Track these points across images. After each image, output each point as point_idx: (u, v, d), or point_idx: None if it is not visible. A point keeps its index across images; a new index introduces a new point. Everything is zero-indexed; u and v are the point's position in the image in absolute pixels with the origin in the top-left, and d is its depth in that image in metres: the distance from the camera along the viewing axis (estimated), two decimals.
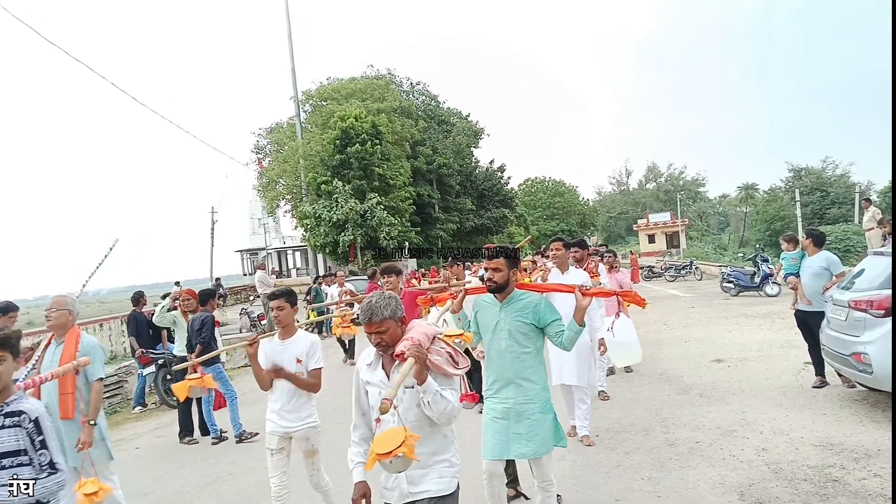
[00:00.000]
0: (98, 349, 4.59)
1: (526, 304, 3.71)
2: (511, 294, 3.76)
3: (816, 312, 6.92)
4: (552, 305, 3.76)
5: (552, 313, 3.70)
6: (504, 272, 3.69)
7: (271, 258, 46.39)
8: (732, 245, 59.52)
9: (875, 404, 6.20)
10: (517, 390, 3.68)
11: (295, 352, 4.23)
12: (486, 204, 40.99)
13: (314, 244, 27.10)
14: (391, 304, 2.78)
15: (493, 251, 3.77)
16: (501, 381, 3.73)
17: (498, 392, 3.74)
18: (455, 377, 2.79)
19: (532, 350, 3.71)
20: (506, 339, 3.70)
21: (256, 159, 35.53)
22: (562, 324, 3.70)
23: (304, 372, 4.20)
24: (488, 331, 3.80)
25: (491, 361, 3.79)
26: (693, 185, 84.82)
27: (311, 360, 4.24)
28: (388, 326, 2.75)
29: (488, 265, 3.72)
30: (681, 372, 8.49)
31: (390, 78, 37.62)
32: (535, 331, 3.71)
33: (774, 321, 12.35)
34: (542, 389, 3.72)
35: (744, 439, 5.56)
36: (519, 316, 3.69)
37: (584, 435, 5.85)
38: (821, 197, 50.98)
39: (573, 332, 3.60)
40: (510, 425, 3.66)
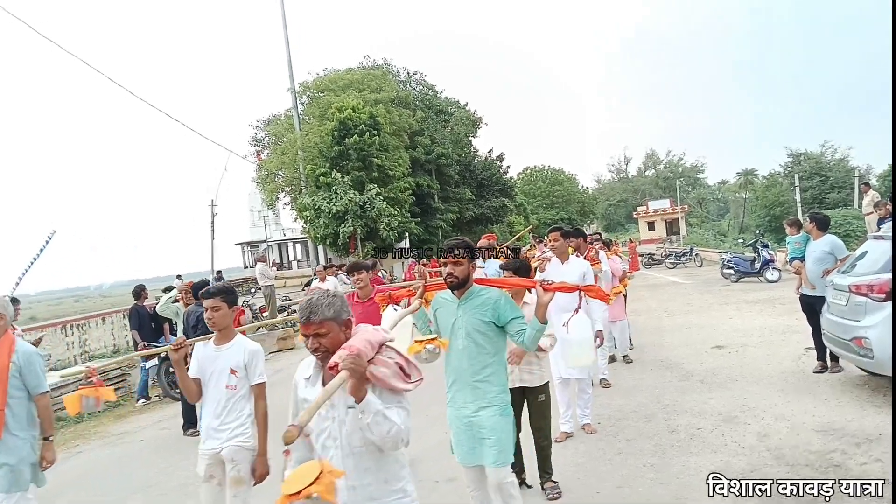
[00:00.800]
0: (36, 359, 3.95)
1: (485, 301, 3.47)
2: (469, 290, 3.53)
3: (821, 297, 6.90)
4: (512, 302, 3.55)
5: (512, 310, 3.47)
6: (464, 266, 3.47)
7: (272, 250, 46.39)
8: (732, 231, 59.46)
9: (876, 389, 6.21)
10: (475, 393, 3.46)
11: (230, 361, 3.65)
12: (485, 193, 40.90)
13: (314, 236, 27.07)
14: (335, 303, 2.43)
15: (452, 244, 3.51)
16: (459, 383, 3.52)
17: (456, 395, 3.54)
18: (406, 392, 2.41)
19: (491, 350, 3.48)
20: (463, 339, 3.47)
21: (255, 152, 35.44)
22: (523, 322, 3.45)
23: (237, 385, 3.64)
24: (446, 330, 3.57)
25: (449, 362, 3.57)
26: (692, 171, 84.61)
27: (252, 373, 3.68)
28: (329, 329, 2.38)
29: (448, 260, 3.47)
30: (682, 358, 8.51)
31: (387, 68, 37.46)
32: (495, 329, 3.47)
33: (775, 307, 12.37)
34: (500, 392, 3.50)
35: (745, 425, 5.58)
36: (477, 313, 3.46)
37: (586, 423, 5.86)
38: (820, 181, 50.90)
39: (535, 331, 3.34)
40: (473, 430, 3.47)
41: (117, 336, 15.52)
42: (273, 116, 36.31)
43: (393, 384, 2.35)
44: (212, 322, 3.68)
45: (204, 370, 3.69)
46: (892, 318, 5.35)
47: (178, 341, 3.65)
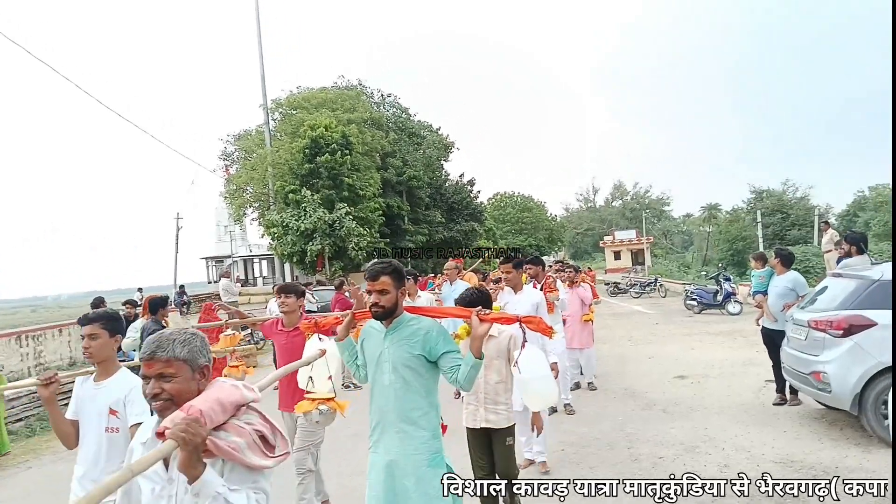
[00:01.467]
0: None
1: (415, 332, 3.04)
2: (399, 319, 3.09)
3: (782, 331, 7.06)
4: (446, 333, 3.12)
5: (446, 343, 3.05)
6: (392, 293, 3.02)
7: (237, 266, 45.82)
8: (696, 263, 60.48)
9: (833, 422, 6.34)
10: (401, 438, 3.00)
11: (110, 399, 3.01)
12: (455, 217, 41.11)
13: (281, 253, 26.84)
14: (193, 342, 1.97)
15: (377, 269, 3.04)
16: (384, 425, 3.05)
17: (379, 440, 3.07)
18: (267, 470, 1.90)
19: (421, 388, 3.03)
20: (389, 374, 3.03)
21: (224, 166, 35.13)
22: (458, 356, 3.03)
23: (118, 427, 2.99)
24: (372, 363, 3.14)
25: (373, 401, 3.13)
26: (658, 203, 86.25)
27: (130, 412, 2.97)
28: (178, 372, 1.90)
29: (371, 286, 3.02)
30: (645, 388, 8.58)
31: (361, 89, 37.62)
32: (426, 364, 3.04)
33: (736, 339, 12.58)
34: (431, 438, 3.03)
35: (706, 455, 5.63)
36: (406, 346, 3.03)
37: (542, 462, 5.56)
38: (781, 218, 52.18)
39: (470, 368, 2.91)
40: (395, 482, 2.98)
41: (74, 348, 15.12)
42: (244, 131, 36.06)
43: (247, 459, 1.81)
44: (88, 353, 3.08)
45: (80, 410, 3.10)
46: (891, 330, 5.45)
47: (46, 375, 2.98)
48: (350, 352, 3.36)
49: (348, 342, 3.37)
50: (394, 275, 3.04)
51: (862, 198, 61.24)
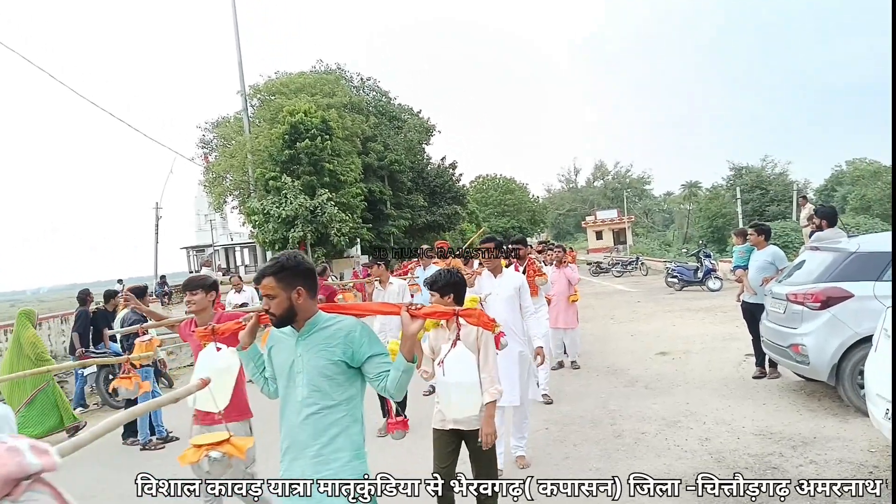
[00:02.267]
0: None
1: (333, 334, 2.55)
2: (313, 320, 2.58)
3: (762, 304, 7.16)
4: (373, 334, 2.61)
5: (371, 344, 2.56)
6: (280, 297, 2.50)
7: (218, 255, 45.51)
8: (677, 241, 61.06)
9: (811, 394, 6.45)
10: (316, 464, 2.50)
11: None
12: (438, 201, 41.02)
13: (263, 241, 26.64)
14: None
15: (262, 269, 2.59)
16: (294, 449, 2.57)
17: (290, 468, 2.58)
18: None
19: (341, 401, 2.54)
20: (303, 387, 2.54)
21: (202, 154, 34.73)
22: (387, 360, 2.56)
23: None
24: (282, 375, 2.64)
25: (283, 420, 2.63)
26: (639, 183, 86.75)
27: None
28: None
29: (261, 291, 2.57)
30: (627, 365, 8.67)
31: (340, 73, 37.27)
32: (347, 372, 2.56)
33: (716, 315, 12.73)
34: (351, 459, 2.54)
35: (688, 429, 5.71)
36: (323, 351, 2.53)
37: (520, 455, 5.23)
38: (760, 195, 52.72)
39: (400, 372, 2.47)
40: None
41: (54, 342, 14.94)
42: (222, 118, 35.63)
43: None
44: None
45: None
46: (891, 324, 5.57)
47: None
48: (256, 363, 2.86)
49: (252, 351, 2.86)
50: (280, 275, 2.53)
51: (839, 172, 62.05)
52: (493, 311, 4.73)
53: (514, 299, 4.97)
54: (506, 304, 4.95)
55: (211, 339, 3.14)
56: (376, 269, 6.97)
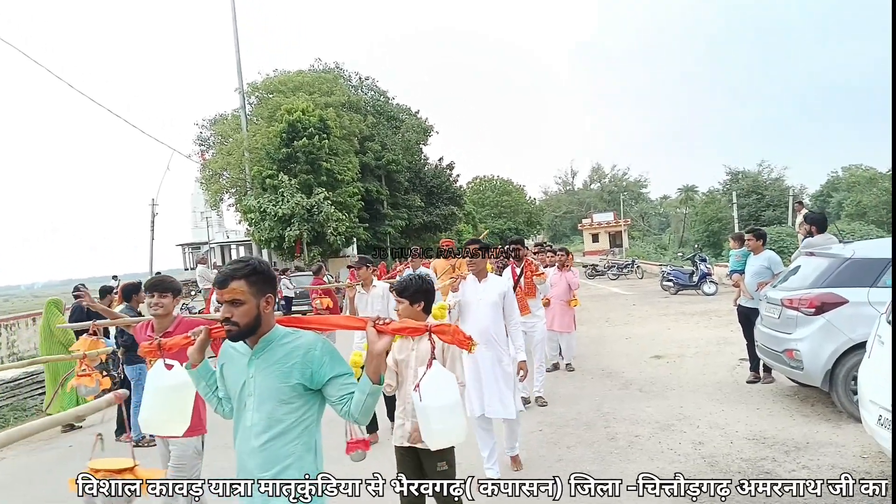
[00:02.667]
0: None
1: (290, 353, 2.27)
2: (268, 336, 2.30)
3: (758, 308, 7.17)
4: (335, 352, 2.33)
5: (334, 364, 2.29)
6: (249, 304, 2.24)
7: (214, 252, 45.37)
8: (672, 245, 61.10)
9: (805, 399, 6.46)
10: (265, 499, 2.27)
11: None
12: (434, 201, 41.00)
13: (259, 239, 26.60)
14: None
15: (228, 270, 2.28)
16: (245, 482, 2.34)
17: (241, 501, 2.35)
18: None
19: (293, 428, 2.28)
20: (254, 411, 2.28)
21: (199, 151, 34.67)
22: (351, 380, 2.28)
23: None
24: (234, 396, 2.39)
25: (235, 444, 2.39)
26: (636, 186, 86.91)
27: None
28: None
29: (221, 295, 2.25)
30: (622, 368, 8.67)
31: (338, 72, 37.25)
32: (305, 395, 2.29)
33: (711, 319, 12.75)
34: None
35: (681, 433, 5.71)
36: (278, 372, 2.26)
37: (514, 456, 5.20)
38: (756, 199, 52.78)
39: (366, 395, 2.20)
40: None
41: None
42: (220, 116, 35.58)
43: None
44: None
45: None
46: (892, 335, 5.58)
47: None
48: (208, 381, 2.56)
49: (203, 369, 2.54)
50: (252, 278, 2.25)
51: (835, 178, 62.22)
52: (475, 318, 4.70)
53: (497, 306, 4.75)
54: (489, 310, 4.74)
55: (157, 356, 2.73)
56: (363, 270, 6.54)
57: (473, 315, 4.75)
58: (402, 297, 3.50)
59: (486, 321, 4.68)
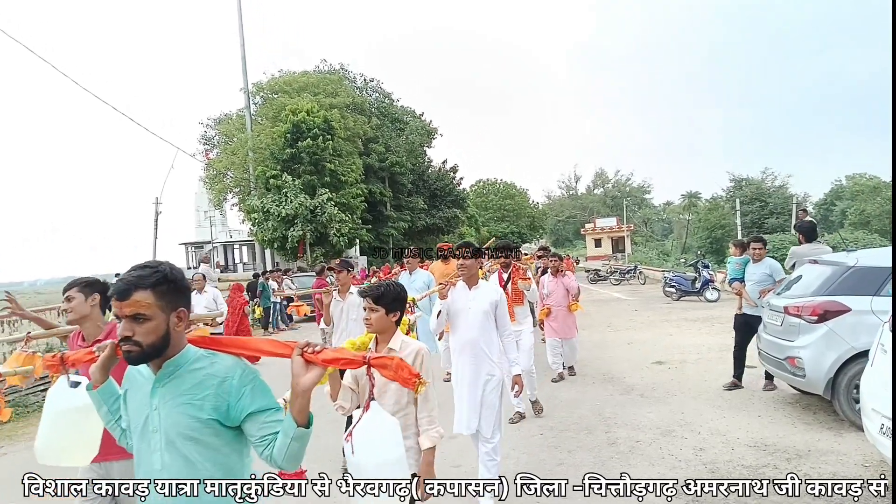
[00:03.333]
0: None
1: (203, 381, 1.84)
2: (175, 360, 1.87)
3: (760, 316, 7.18)
4: (257, 381, 1.90)
5: (255, 396, 1.86)
6: (156, 321, 1.83)
7: (217, 252, 45.46)
8: (675, 251, 61.06)
9: (807, 407, 6.45)
10: None
11: None
12: (437, 203, 41.08)
13: (262, 239, 26.67)
14: None
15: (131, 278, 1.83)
16: None
17: None
18: None
19: (214, 471, 1.89)
20: (161, 451, 1.88)
21: (203, 150, 34.79)
22: (276, 417, 1.86)
23: None
24: (136, 430, 1.97)
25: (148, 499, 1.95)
26: (639, 191, 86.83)
27: None
28: None
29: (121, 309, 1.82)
30: (623, 373, 8.66)
31: (344, 74, 37.33)
32: (223, 434, 1.88)
33: (713, 325, 12.73)
34: None
35: (682, 439, 5.70)
36: (187, 404, 1.83)
37: None
38: (760, 207, 52.79)
39: (290, 440, 1.78)
40: None
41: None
42: (224, 115, 35.71)
43: None
44: None
45: None
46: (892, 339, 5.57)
47: None
48: (110, 407, 2.13)
49: (106, 391, 2.12)
50: (161, 288, 1.84)
51: (839, 187, 62.21)
52: (464, 328, 4.39)
53: (489, 316, 4.39)
54: (480, 320, 4.38)
55: (59, 371, 2.37)
56: (342, 275, 5.95)
57: (463, 325, 4.41)
58: (379, 305, 2.99)
59: (474, 332, 4.36)
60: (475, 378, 4.33)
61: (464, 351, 4.36)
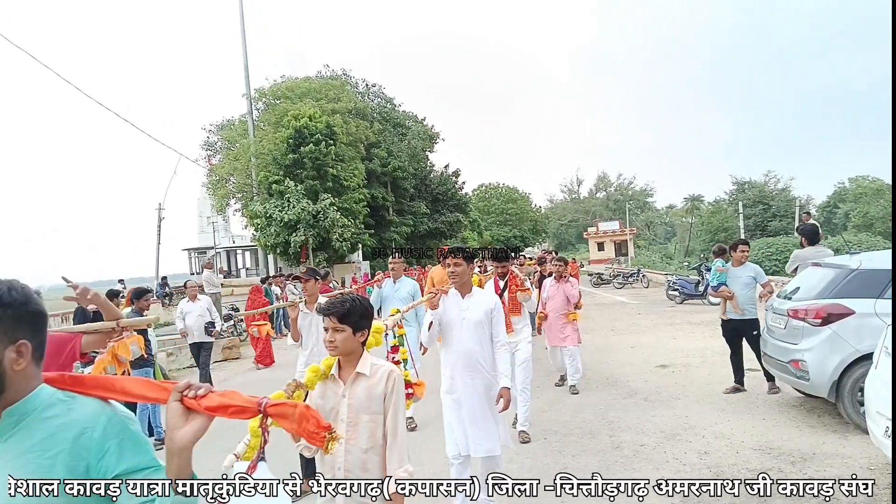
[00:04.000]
0: None
1: (57, 432, 1.40)
2: (20, 405, 1.42)
3: (748, 320, 7.28)
4: (128, 433, 1.45)
5: (124, 453, 1.42)
6: None
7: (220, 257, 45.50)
8: (678, 254, 60.92)
9: (811, 410, 6.44)
10: None
11: None
12: (440, 208, 41.08)
13: (265, 244, 26.68)
14: None
15: None
16: None
17: None
18: None
19: None
20: None
21: (206, 156, 34.83)
22: (155, 476, 1.40)
23: None
24: None
25: None
26: (641, 195, 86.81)
27: None
28: None
29: None
30: (627, 376, 8.65)
31: (346, 79, 37.39)
32: (81, 502, 1.39)
33: (717, 329, 12.59)
34: None
35: (687, 443, 5.70)
36: (34, 463, 1.38)
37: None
38: (763, 209, 52.71)
39: None
40: None
41: None
42: (227, 121, 35.75)
43: None
44: None
45: None
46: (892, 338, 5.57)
47: None
48: None
49: None
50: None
51: (842, 189, 62.06)
52: (458, 340, 4.14)
53: (483, 326, 4.14)
54: (474, 331, 4.12)
55: None
56: (310, 284, 5.38)
57: (457, 336, 4.12)
58: (344, 324, 2.62)
59: (470, 343, 4.09)
60: (472, 393, 4.12)
61: (458, 364, 4.13)
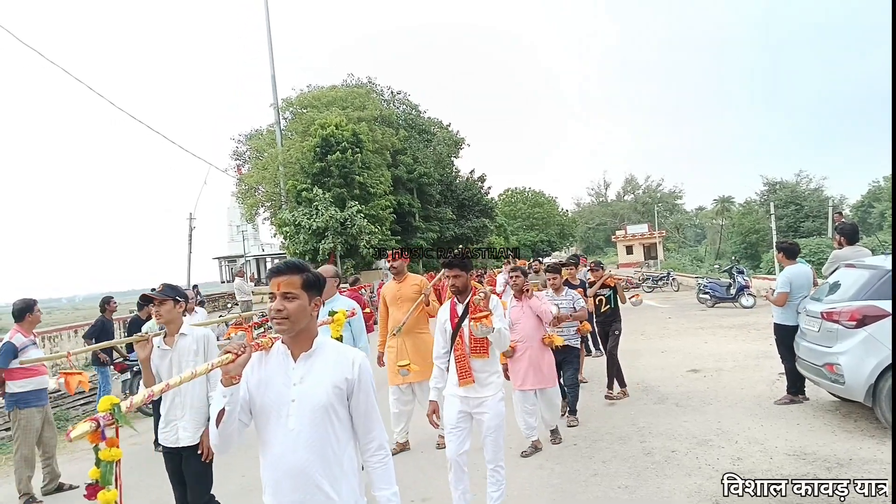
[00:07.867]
0: None
1: None
2: None
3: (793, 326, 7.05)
4: None
5: None
6: None
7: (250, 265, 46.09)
8: (709, 257, 60.15)
9: (847, 414, 6.30)
10: None
11: None
12: (466, 213, 41.13)
13: (293, 252, 26.94)
14: None
15: None
16: None
17: None
18: None
19: None
20: None
21: (235, 166, 35.34)
22: None
23: None
24: None
25: None
26: (670, 197, 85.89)
27: None
28: None
29: None
30: (657, 381, 8.56)
31: (371, 87, 37.69)
32: None
33: (749, 332, 12.51)
34: None
35: (719, 448, 5.62)
36: None
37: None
38: (795, 210, 51.87)
39: None
40: None
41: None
42: (255, 131, 36.27)
43: None
44: None
45: None
46: (892, 337, 5.45)
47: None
48: None
49: None
50: None
51: (877, 188, 60.71)
52: (280, 443, 2.95)
53: (333, 413, 2.77)
54: (313, 425, 2.83)
55: None
56: (166, 307, 3.97)
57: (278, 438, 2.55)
58: None
59: (303, 452, 2.53)
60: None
61: (281, 491, 2.94)
